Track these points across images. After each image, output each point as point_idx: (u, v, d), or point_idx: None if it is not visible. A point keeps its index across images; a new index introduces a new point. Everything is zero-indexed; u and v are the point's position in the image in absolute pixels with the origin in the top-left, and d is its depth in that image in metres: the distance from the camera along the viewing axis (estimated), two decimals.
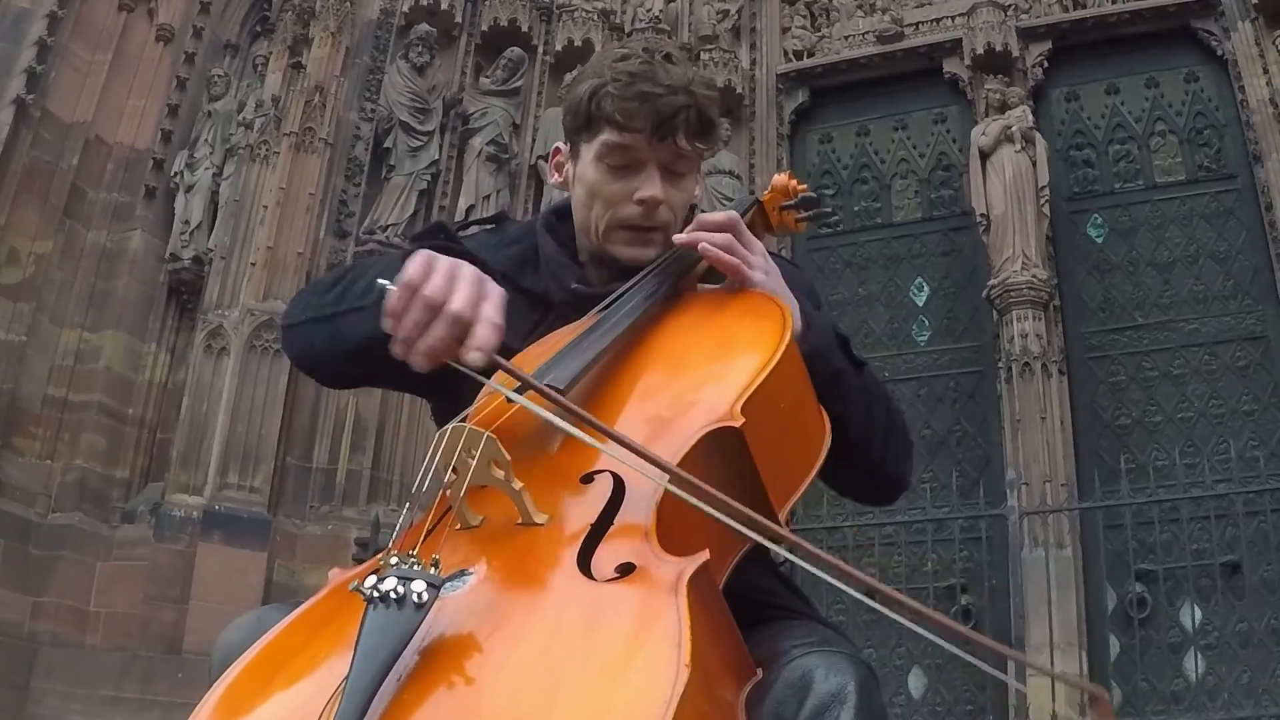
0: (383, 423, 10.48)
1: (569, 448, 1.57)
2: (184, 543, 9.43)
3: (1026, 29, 11.20)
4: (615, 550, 1.36)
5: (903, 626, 5.07)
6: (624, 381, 1.73)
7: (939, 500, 9.51)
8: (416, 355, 1.56)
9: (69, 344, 10.33)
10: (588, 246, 2.10)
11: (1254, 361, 9.69)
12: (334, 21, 11.27)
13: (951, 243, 11.11)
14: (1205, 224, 10.30)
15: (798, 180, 2.38)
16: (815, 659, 1.53)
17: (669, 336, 1.83)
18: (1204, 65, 10.79)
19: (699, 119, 2.00)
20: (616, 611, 1.26)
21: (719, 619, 1.36)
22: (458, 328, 1.55)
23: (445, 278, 1.58)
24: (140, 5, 11.41)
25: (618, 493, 1.46)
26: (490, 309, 1.58)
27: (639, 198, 2.00)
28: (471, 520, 1.48)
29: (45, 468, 9.91)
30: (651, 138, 1.98)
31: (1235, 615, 8.65)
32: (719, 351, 1.78)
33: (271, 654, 1.37)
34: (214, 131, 11.38)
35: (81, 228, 10.67)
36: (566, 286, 2.03)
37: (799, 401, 1.75)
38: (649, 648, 1.20)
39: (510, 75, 11.90)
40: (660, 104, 1.96)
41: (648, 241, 2.04)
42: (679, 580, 1.27)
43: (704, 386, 1.67)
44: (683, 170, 2.05)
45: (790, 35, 12.23)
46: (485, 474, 1.45)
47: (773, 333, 1.72)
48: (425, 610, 1.24)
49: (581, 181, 2.07)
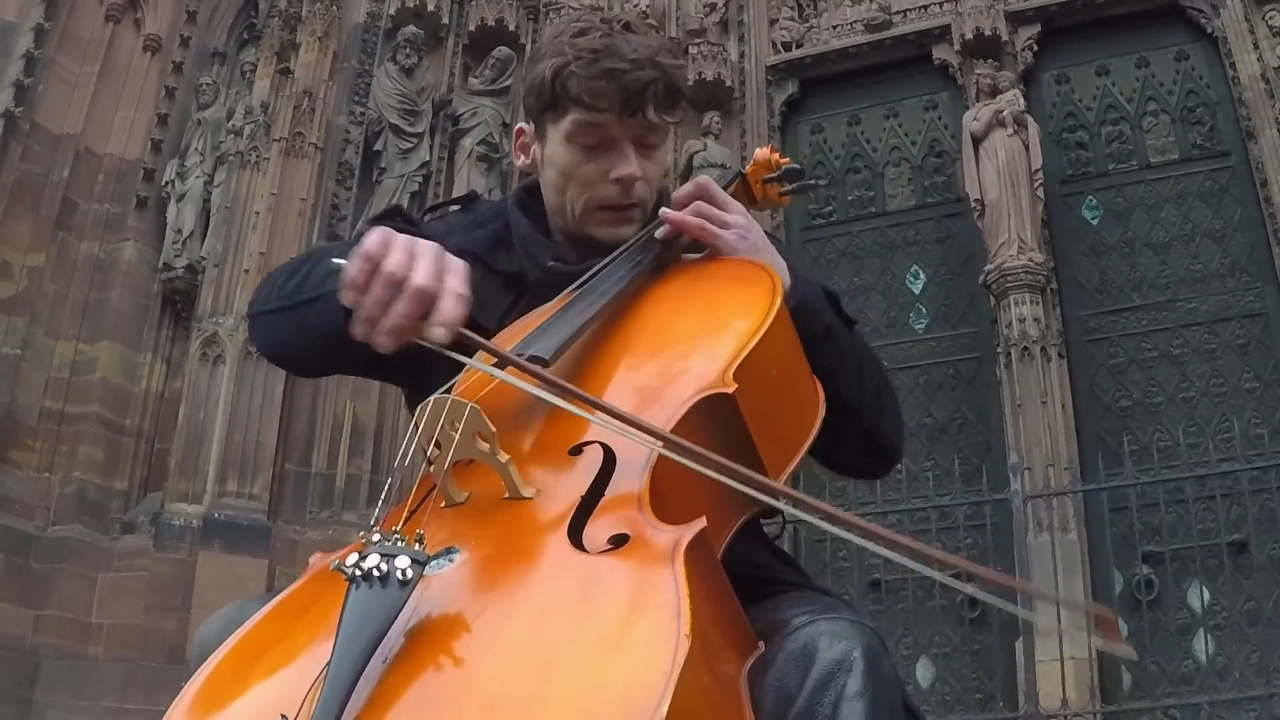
0: (381, 426, 10.47)
1: (555, 420, 1.52)
2: (184, 552, 9.41)
3: (1015, 12, 11.15)
4: (608, 521, 1.32)
5: (910, 617, 5.09)
6: (610, 353, 1.69)
7: (942, 488, 9.49)
8: (380, 335, 1.50)
9: (64, 356, 10.30)
10: (562, 227, 2.06)
11: (1254, 338, 9.66)
12: (321, 26, 11.25)
13: (946, 229, 11.08)
14: (1200, 202, 10.27)
15: (780, 154, 2.36)
16: (818, 627, 1.48)
17: (654, 306, 1.79)
18: (1194, 43, 10.75)
19: (667, 91, 1.95)
20: (611, 583, 1.22)
21: (718, 590, 1.31)
22: (421, 303, 1.49)
23: (404, 253, 1.52)
24: (127, 16, 11.40)
25: (608, 463, 1.42)
26: (454, 281, 1.53)
27: (615, 176, 1.95)
28: (457, 496, 1.44)
29: (44, 480, 9.88)
30: (621, 115, 1.93)
31: (1243, 594, 8.61)
32: (707, 319, 1.75)
33: (251, 643, 1.32)
34: (204, 140, 11.34)
35: (74, 239, 10.64)
36: (542, 265, 1.98)
37: (792, 368, 1.71)
38: (646, 618, 1.15)
39: (499, 75, 11.88)
40: (628, 79, 1.91)
41: (627, 220, 2.00)
42: (676, 549, 1.22)
43: (693, 354, 1.63)
44: (654, 142, 2.01)
45: (778, 27, 12.19)
46: (470, 447, 1.40)
47: (762, 298, 1.68)
48: (410, 587, 1.19)
49: (552, 164, 2.01)
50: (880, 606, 9.38)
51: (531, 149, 2.09)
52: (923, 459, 9.94)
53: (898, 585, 9.34)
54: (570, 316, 1.67)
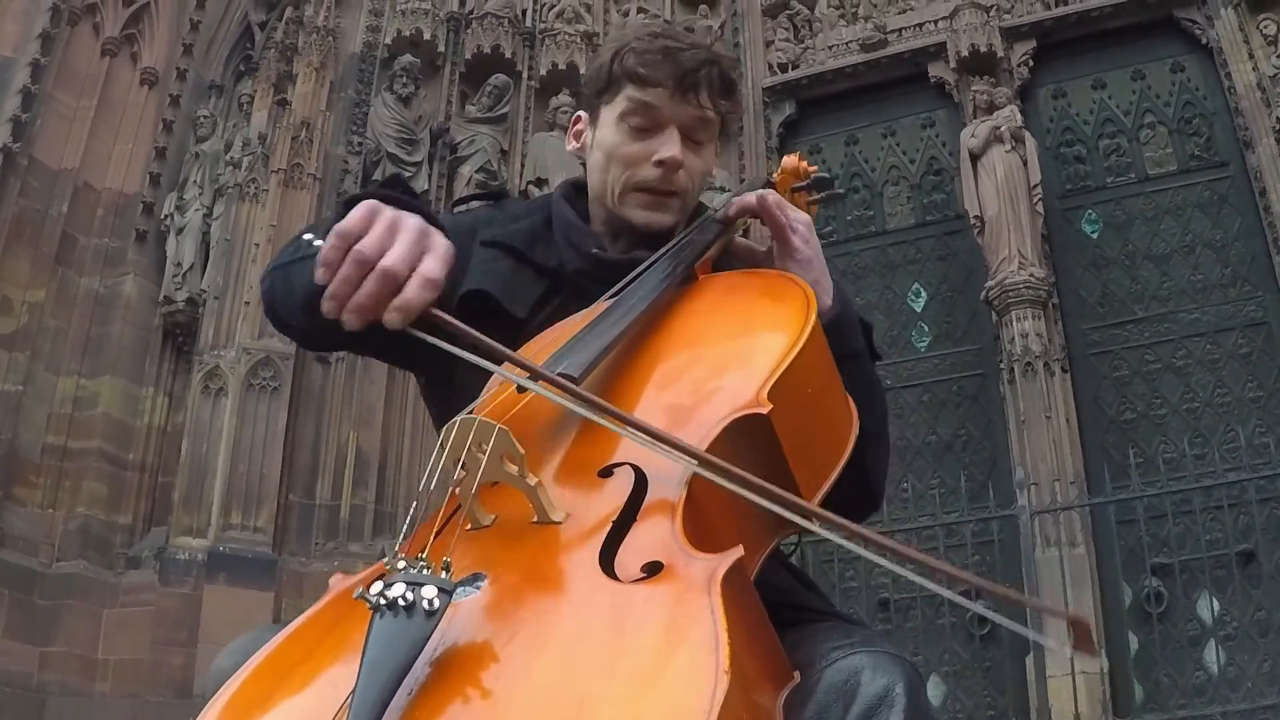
0: (384, 456, 10.44)
1: (585, 440, 1.49)
2: (189, 586, 9.39)
3: (1010, 28, 11.19)
4: (640, 548, 1.27)
5: (919, 635, 5.06)
6: (641, 369, 1.64)
7: (948, 505, 9.45)
8: (346, 313, 1.47)
9: (66, 391, 10.28)
10: (602, 215, 2.06)
11: (1257, 348, 9.65)
12: (317, 57, 11.29)
13: (946, 246, 11.08)
14: (1200, 213, 10.27)
15: (808, 162, 2.33)
16: (860, 659, 1.47)
17: (685, 320, 1.76)
18: (1189, 54, 10.78)
19: (721, 77, 2.01)
20: (646, 614, 1.17)
21: (755, 620, 1.27)
22: (390, 284, 1.46)
23: (386, 229, 1.49)
24: (123, 50, 11.43)
25: (639, 487, 1.38)
26: (430, 265, 1.49)
27: (658, 158, 1.97)
28: (483, 519, 1.39)
29: (47, 517, 9.84)
30: (674, 93, 1.97)
31: (1253, 604, 8.60)
32: (740, 334, 1.72)
33: (270, 668, 1.28)
34: (202, 172, 11.35)
35: (74, 274, 10.64)
36: (585, 252, 1.98)
37: (827, 386, 1.68)
38: (684, 653, 1.10)
39: (496, 102, 11.89)
40: (683, 58, 1.97)
41: (664, 206, 2.01)
42: (712, 579, 1.17)
43: (727, 372, 1.59)
44: (702, 139, 2.04)
45: (774, 48, 12.22)
46: (498, 470, 1.36)
47: (797, 314, 1.65)
48: (437, 618, 1.15)
49: (600, 145, 2.04)
50: (889, 625, 9.34)
51: (584, 135, 2.13)
52: (929, 477, 9.93)
53: (906, 604, 9.31)
54: (601, 331, 1.62)
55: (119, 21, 11.43)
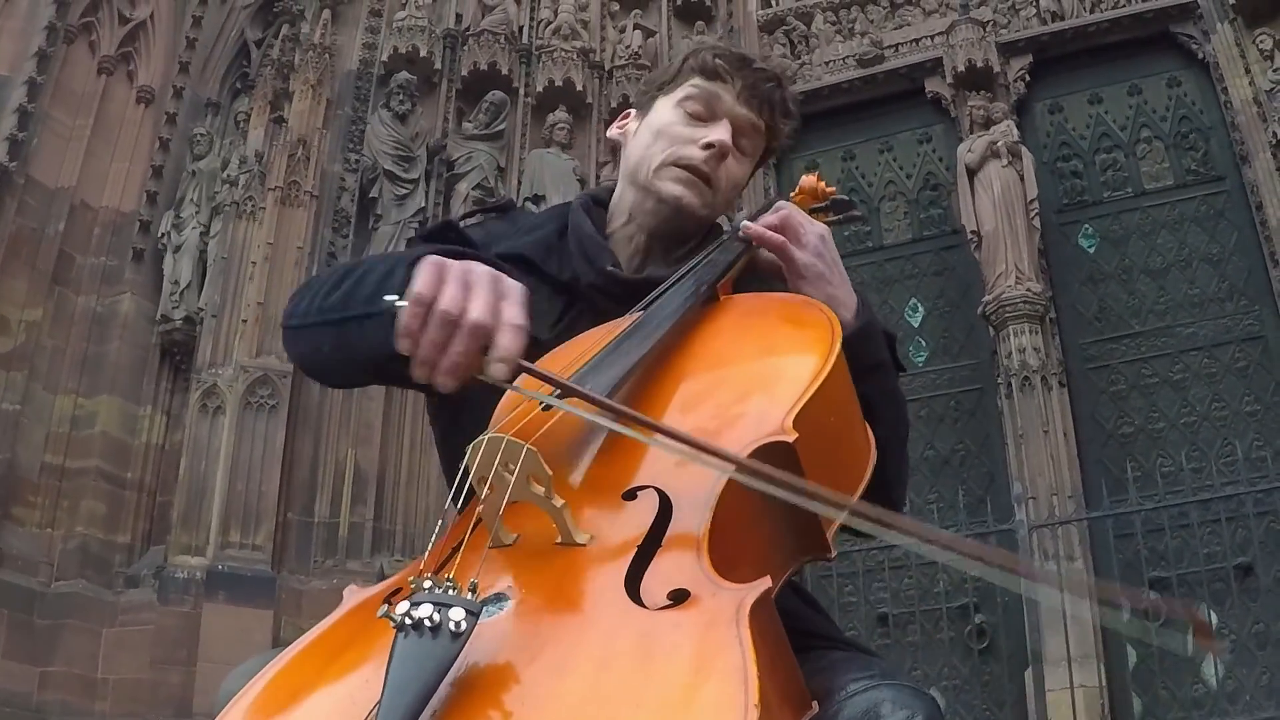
0: (383, 473, 10.42)
1: (608, 462, 1.48)
2: (189, 604, 9.35)
3: (1006, 44, 11.22)
4: (666, 574, 1.26)
5: (918, 650, 5.07)
6: (664, 390, 1.63)
7: (946, 520, 9.44)
8: (440, 375, 1.45)
9: (64, 411, 10.27)
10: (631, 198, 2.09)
11: (1254, 361, 9.67)
12: (314, 74, 11.28)
13: (944, 261, 11.09)
14: (1196, 227, 10.30)
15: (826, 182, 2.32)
16: (882, 693, 1.47)
17: (708, 343, 1.74)
18: (1185, 69, 10.83)
19: (784, 99, 2.11)
20: (673, 643, 1.16)
21: (778, 650, 1.26)
22: (479, 339, 1.44)
23: (459, 285, 1.47)
24: (119, 68, 11.45)
25: (664, 511, 1.36)
26: (512, 311, 1.47)
27: (707, 140, 2.01)
28: (505, 538, 1.38)
29: (46, 536, 9.82)
30: (740, 94, 2.03)
31: (1251, 617, 8.60)
32: (764, 360, 1.71)
33: (288, 678, 1.27)
34: (199, 190, 11.35)
35: (71, 293, 10.63)
36: (601, 268, 1.97)
37: (848, 414, 1.67)
38: (712, 685, 1.09)
39: (493, 119, 11.89)
40: (756, 68, 2.07)
41: (696, 188, 2.02)
42: (740, 609, 1.16)
43: (751, 398, 1.58)
44: (746, 148, 2.08)
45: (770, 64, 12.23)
46: (524, 490, 1.35)
47: (821, 340, 1.63)
48: (463, 640, 1.14)
49: (649, 127, 2.08)
50: (888, 640, 9.34)
51: (629, 125, 2.17)
52: (926, 492, 9.92)
53: (905, 619, 9.32)
54: (623, 352, 1.61)
55: (115, 40, 11.45)
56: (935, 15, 11.73)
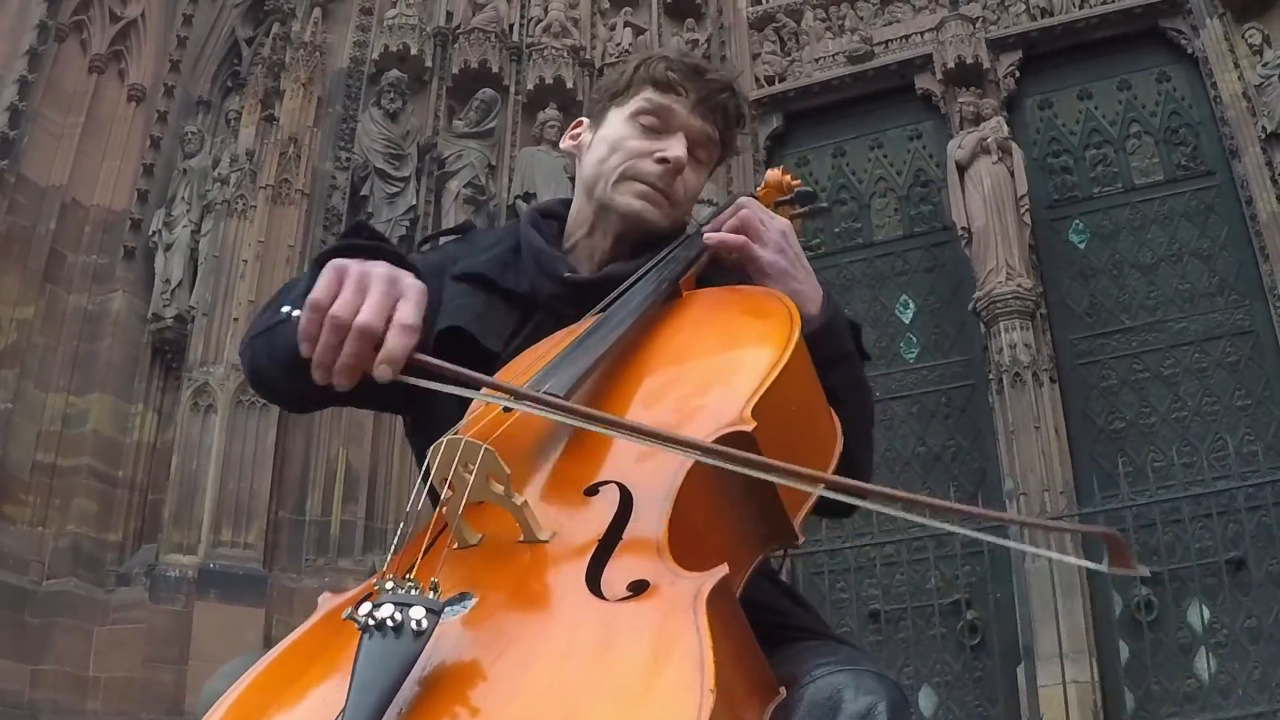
0: (374, 472, 10.42)
1: (570, 459, 1.50)
2: (180, 603, 9.34)
3: (996, 40, 11.25)
4: (626, 567, 1.28)
5: (910, 646, 5.07)
6: (626, 386, 1.65)
7: (937, 517, 9.44)
8: (335, 377, 1.49)
9: (55, 409, 10.24)
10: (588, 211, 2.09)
11: (1244, 356, 9.69)
12: (304, 72, 11.27)
13: (934, 258, 11.11)
14: (1186, 222, 10.32)
15: (791, 175, 2.35)
16: (843, 677, 1.48)
17: (670, 338, 1.76)
18: (1175, 64, 10.86)
19: (736, 108, 2.11)
20: (632, 632, 1.18)
21: (740, 637, 1.28)
22: (369, 340, 1.47)
23: (354, 288, 1.50)
24: (111, 66, 11.43)
25: (625, 505, 1.38)
26: (405, 310, 1.50)
27: (661, 155, 2.01)
28: (470, 539, 1.40)
29: (37, 534, 9.79)
30: (693, 106, 2.03)
31: (1243, 611, 8.62)
32: (724, 353, 1.73)
33: (262, 687, 1.29)
34: (190, 188, 11.32)
35: (62, 291, 10.61)
36: (557, 276, 1.98)
37: (810, 402, 1.69)
38: (669, 671, 1.12)
39: (483, 116, 11.89)
40: (708, 78, 2.07)
41: (655, 201, 2.03)
42: (698, 597, 1.18)
43: (711, 390, 1.60)
44: (702, 158, 2.09)
45: (761, 61, 12.27)
46: (484, 489, 1.37)
47: (779, 331, 1.65)
48: (425, 638, 1.16)
49: (603, 140, 2.08)
50: (880, 637, 9.36)
51: (582, 135, 2.16)
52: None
53: (897, 615, 9.33)
54: (586, 349, 1.64)
55: (106, 38, 11.43)
56: (925, 12, 11.77)
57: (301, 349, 1.51)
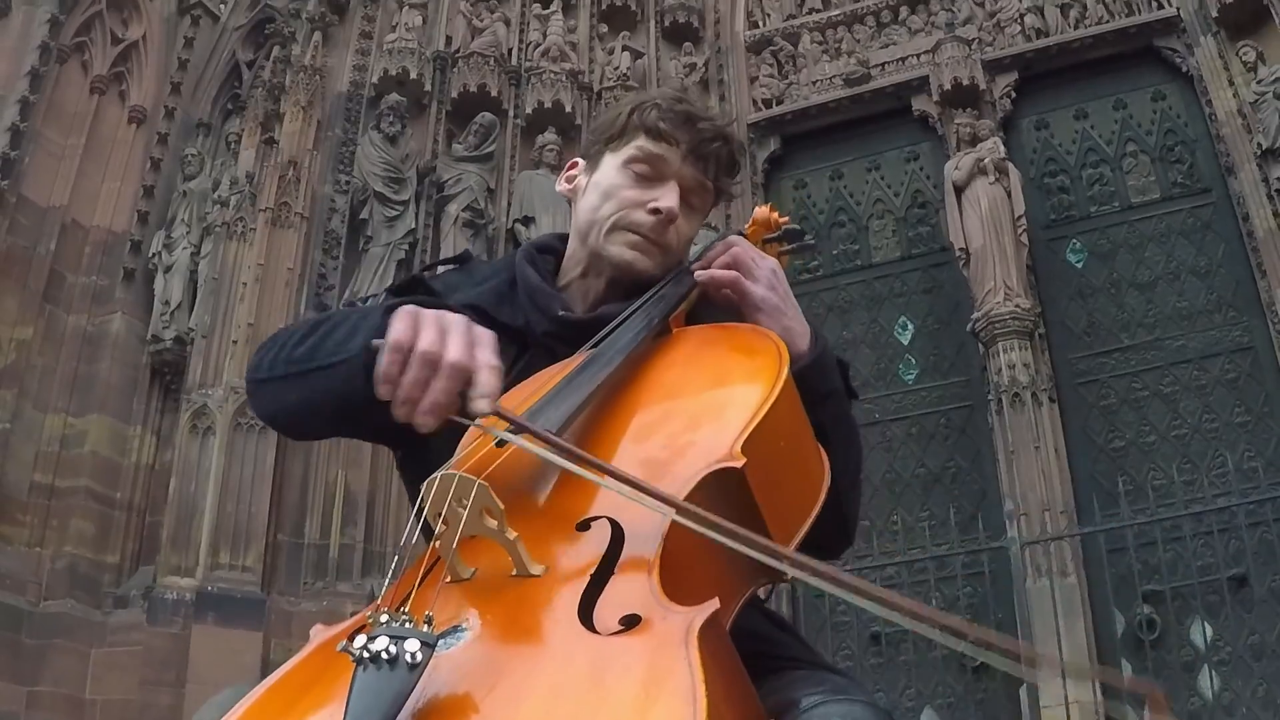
0: (373, 495, 10.40)
1: (563, 494, 1.51)
2: (178, 625, 9.31)
3: (992, 61, 11.31)
4: (618, 601, 1.29)
5: (912, 668, 5.05)
6: (616, 423, 1.67)
7: (938, 538, 9.46)
8: (421, 415, 1.51)
9: (54, 429, 10.25)
10: (581, 256, 2.10)
11: (1243, 373, 9.69)
12: (304, 96, 11.32)
13: (932, 279, 11.13)
14: (1184, 240, 10.35)
15: (779, 213, 2.37)
16: (832, 708, 1.49)
17: (660, 374, 1.78)
18: (1170, 82, 10.91)
19: (730, 157, 2.13)
20: (624, 667, 1.19)
21: (731, 671, 1.29)
22: (459, 378, 1.50)
23: (436, 330, 1.53)
24: (112, 88, 11.51)
25: (616, 540, 1.40)
26: (485, 353, 1.54)
27: (654, 206, 2.01)
28: (463, 572, 1.41)
29: (35, 555, 9.78)
30: (686, 154, 2.04)
31: (1246, 628, 8.60)
32: (714, 389, 1.75)
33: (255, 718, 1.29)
34: (190, 211, 11.37)
35: (62, 312, 10.64)
36: (552, 314, 2.00)
37: (798, 439, 1.70)
38: (661, 705, 1.12)
39: (482, 140, 11.92)
40: (702, 126, 2.06)
41: (647, 252, 2.03)
42: (689, 631, 1.19)
43: (701, 426, 1.62)
44: (695, 204, 2.09)
45: (758, 84, 12.33)
46: (477, 524, 1.38)
47: (769, 367, 1.67)
48: (419, 670, 1.17)
49: (596, 187, 2.08)
50: (881, 659, 9.33)
51: (577, 179, 2.17)
52: (918, 510, 9.93)
53: (898, 638, 9.29)
54: (576, 386, 1.65)
55: (107, 60, 11.52)
56: (921, 34, 11.84)
57: (380, 390, 1.53)
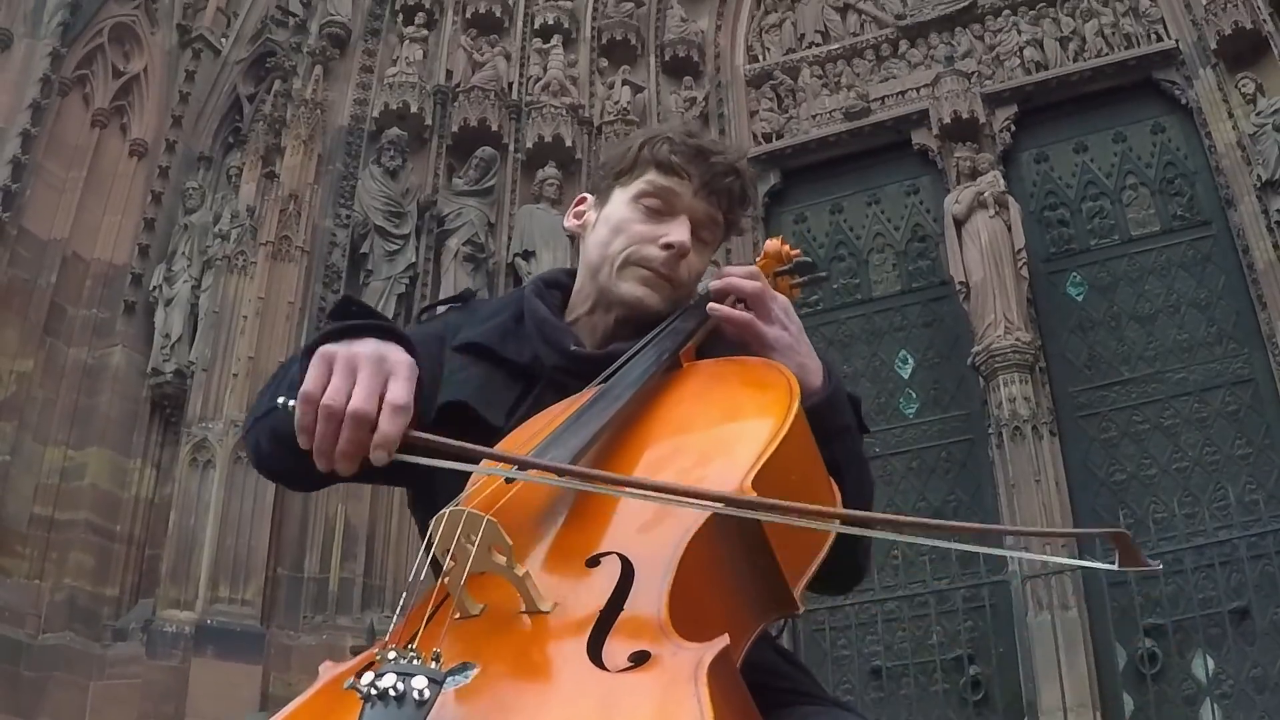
0: (373, 529, 10.38)
1: (572, 530, 1.50)
2: (177, 659, 9.28)
3: (991, 94, 11.36)
4: (628, 637, 1.29)
5: (913, 703, 5.05)
6: (627, 457, 1.66)
7: (939, 571, 9.44)
8: (338, 463, 1.52)
9: (54, 462, 10.24)
10: (591, 291, 2.07)
11: (1244, 405, 9.70)
12: (305, 129, 11.37)
13: (933, 313, 11.14)
14: (1184, 272, 10.37)
15: (790, 245, 2.34)
16: None
17: (671, 410, 1.76)
18: (1169, 115, 10.96)
19: (741, 191, 2.09)
20: (633, 704, 1.18)
21: (740, 706, 1.29)
22: (364, 426, 1.50)
23: (343, 375, 1.53)
24: (113, 121, 11.55)
25: (626, 575, 1.39)
26: (396, 391, 1.53)
27: (666, 241, 2.00)
28: (472, 609, 1.40)
29: (34, 588, 9.75)
30: (698, 189, 2.02)
31: (1248, 661, 8.56)
32: (725, 424, 1.75)
33: None
34: (191, 244, 11.38)
35: (62, 345, 10.65)
36: (563, 349, 1.97)
37: (809, 473, 1.69)
38: None
39: (483, 174, 11.96)
40: (714, 160, 2.04)
41: (658, 287, 2.02)
42: (699, 668, 1.19)
43: (712, 461, 1.61)
44: (706, 238, 2.07)
45: (758, 118, 12.38)
46: (486, 560, 1.37)
47: (780, 402, 1.66)
48: (427, 708, 1.15)
49: (607, 221, 2.07)
50: (882, 694, 9.31)
51: (586, 214, 2.15)
52: (919, 543, 9.89)
53: (899, 671, 9.27)
54: (586, 421, 1.64)
55: (109, 93, 11.56)
56: (920, 68, 11.90)
57: (300, 441, 1.54)
